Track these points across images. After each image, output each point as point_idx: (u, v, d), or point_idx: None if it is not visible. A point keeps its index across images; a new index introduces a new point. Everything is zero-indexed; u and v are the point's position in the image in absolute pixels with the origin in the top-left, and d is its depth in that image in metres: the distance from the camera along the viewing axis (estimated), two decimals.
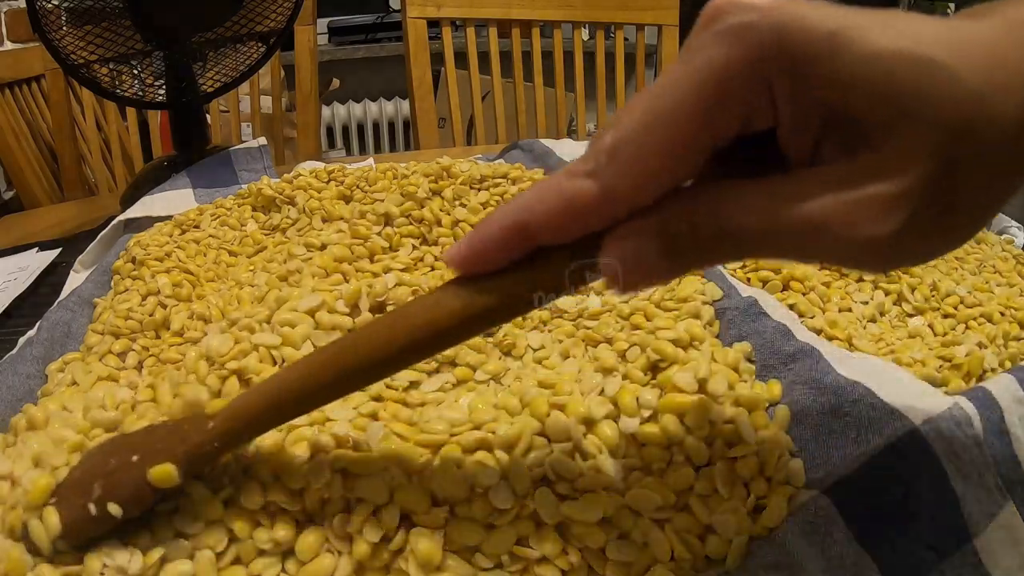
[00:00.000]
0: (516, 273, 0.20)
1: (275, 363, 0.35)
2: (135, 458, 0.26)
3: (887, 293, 0.46)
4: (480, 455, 0.28)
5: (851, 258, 0.18)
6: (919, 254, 0.19)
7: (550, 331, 0.40)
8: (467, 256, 0.20)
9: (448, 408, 0.32)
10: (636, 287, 0.19)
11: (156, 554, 0.25)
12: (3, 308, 0.55)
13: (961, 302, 0.46)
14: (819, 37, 0.16)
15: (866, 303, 0.45)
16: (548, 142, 0.71)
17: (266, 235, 0.54)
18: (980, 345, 0.41)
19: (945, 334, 0.43)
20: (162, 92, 0.71)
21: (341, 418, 0.30)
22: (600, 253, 0.19)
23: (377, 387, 0.32)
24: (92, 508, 0.25)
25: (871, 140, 0.17)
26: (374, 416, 0.31)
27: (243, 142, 0.76)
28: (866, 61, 0.16)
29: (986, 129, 0.16)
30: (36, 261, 0.64)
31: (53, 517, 0.25)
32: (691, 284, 0.41)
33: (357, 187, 0.57)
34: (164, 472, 0.25)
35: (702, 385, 0.31)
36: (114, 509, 0.25)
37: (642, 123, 0.17)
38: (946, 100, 0.16)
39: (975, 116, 0.16)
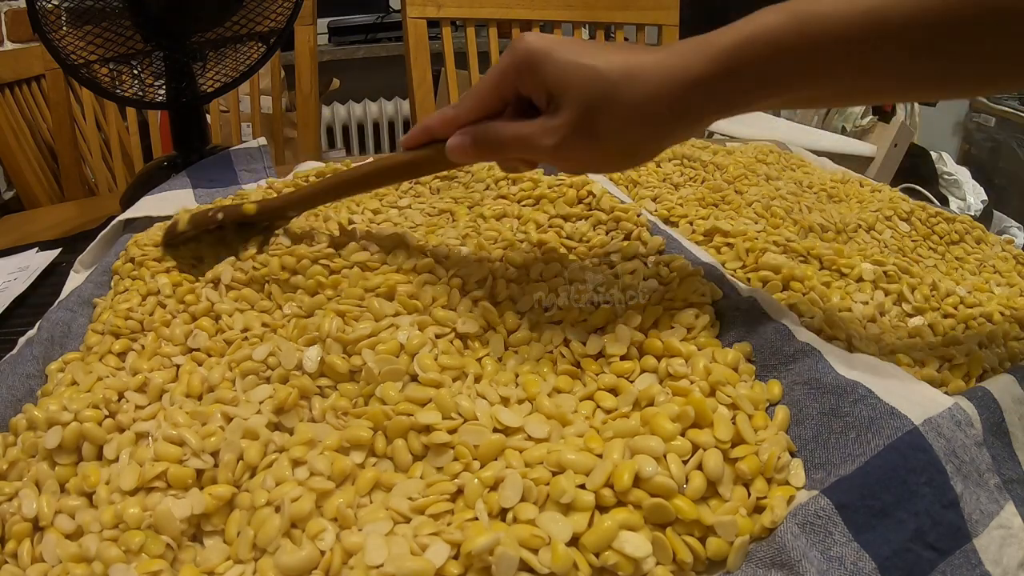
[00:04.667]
0: (424, 147, 0.41)
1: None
2: (237, 203, 0.50)
3: (887, 293, 0.46)
4: None
5: (543, 156, 0.37)
6: (584, 161, 0.38)
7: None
8: (407, 141, 0.41)
9: None
10: (460, 160, 0.39)
11: None
12: (3, 308, 0.55)
13: (961, 302, 0.46)
14: (541, 53, 0.35)
15: (866, 303, 0.45)
16: None
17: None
18: (980, 345, 0.41)
19: (945, 334, 0.43)
20: (162, 92, 0.71)
21: None
22: (449, 140, 0.39)
23: None
24: (214, 216, 0.48)
25: (559, 103, 0.35)
26: None
27: (243, 142, 0.76)
28: (560, 65, 0.34)
29: (614, 98, 0.33)
30: (36, 261, 0.64)
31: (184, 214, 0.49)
32: (691, 284, 0.41)
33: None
34: (248, 207, 0.48)
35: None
36: (222, 217, 0.48)
37: (473, 90, 0.38)
38: (589, 83, 0.34)
39: (606, 92, 0.33)
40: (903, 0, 0.29)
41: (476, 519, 0.28)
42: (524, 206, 0.54)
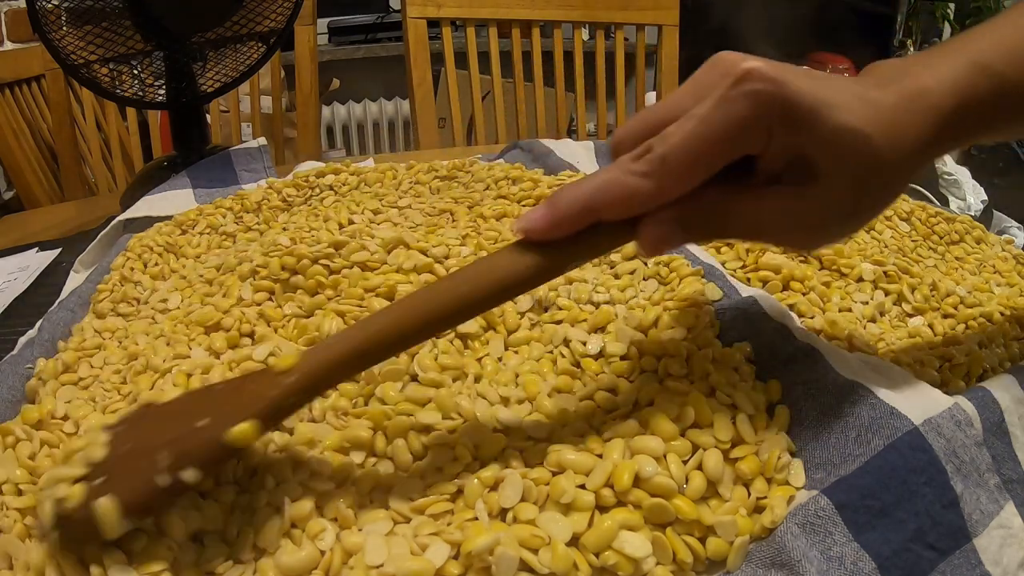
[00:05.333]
0: (578, 239, 0.27)
1: None
2: (203, 422, 0.26)
3: (887, 293, 0.46)
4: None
5: (787, 245, 0.34)
6: (834, 241, 0.32)
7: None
8: (545, 226, 0.26)
9: None
10: (659, 253, 0.30)
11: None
12: (3, 308, 0.55)
13: (961, 302, 0.45)
14: (806, 111, 0.25)
15: (866, 303, 0.45)
16: (548, 142, 0.71)
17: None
18: (980, 345, 0.41)
19: (945, 334, 0.43)
20: (162, 92, 0.71)
21: None
22: (639, 229, 0.27)
23: None
24: (161, 479, 0.25)
25: (818, 176, 0.27)
26: None
27: (243, 142, 0.76)
28: (831, 130, 0.26)
29: (880, 171, 0.27)
30: (36, 261, 0.64)
31: (108, 501, 0.24)
32: (691, 284, 0.41)
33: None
34: (245, 431, 0.25)
35: None
36: (191, 475, 0.25)
37: (685, 145, 0.25)
38: (865, 157, 0.26)
39: (877, 164, 0.26)
40: None
41: (476, 519, 0.28)
42: (524, 206, 0.54)
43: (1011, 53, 0.28)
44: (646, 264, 0.45)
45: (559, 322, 0.40)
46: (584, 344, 0.38)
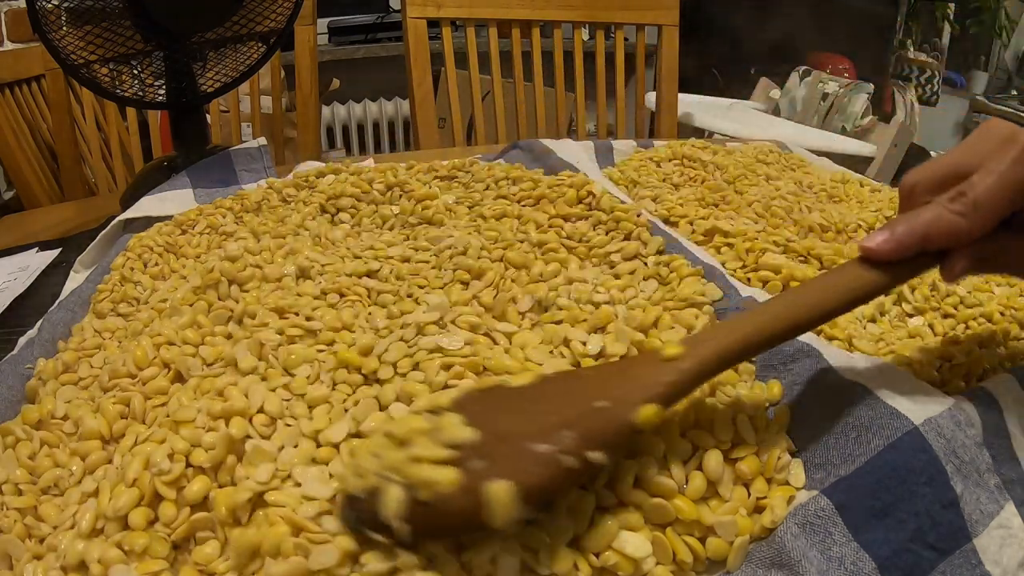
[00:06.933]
0: (908, 262, 0.31)
1: None
2: (601, 403, 0.26)
3: (887, 293, 0.46)
4: None
5: None
6: None
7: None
8: (890, 248, 0.31)
9: None
10: (956, 281, 0.38)
11: None
12: (3, 308, 0.55)
13: (961, 302, 0.46)
14: None
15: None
16: (548, 142, 0.71)
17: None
18: (980, 345, 0.41)
19: (945, 334, 0.43)
20: (162, 92, 0.71)
21: None
22: (950, 259, 0.31)
23: None
24: (568, 460, 0.24)
25: None
26: None
27: (243, 142, 0.76)
28: None
29: None
30: (36, 261, 0.64)
31: (503, 486, 0.23)
32: (691, 285, 0.41)
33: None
34: (653, 412, 0.26)
35: None
36: (599, 456, 0.25)
37: (991, 193, 0.30)
38: None
39: None
40: None
41: None
42: (524, 206, 0.54)
43: None
44: (646, 264, 0.45)
45: (559, 322, 0.40)
46: (584, 344, 0.38)
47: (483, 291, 0.42)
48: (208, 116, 1.10)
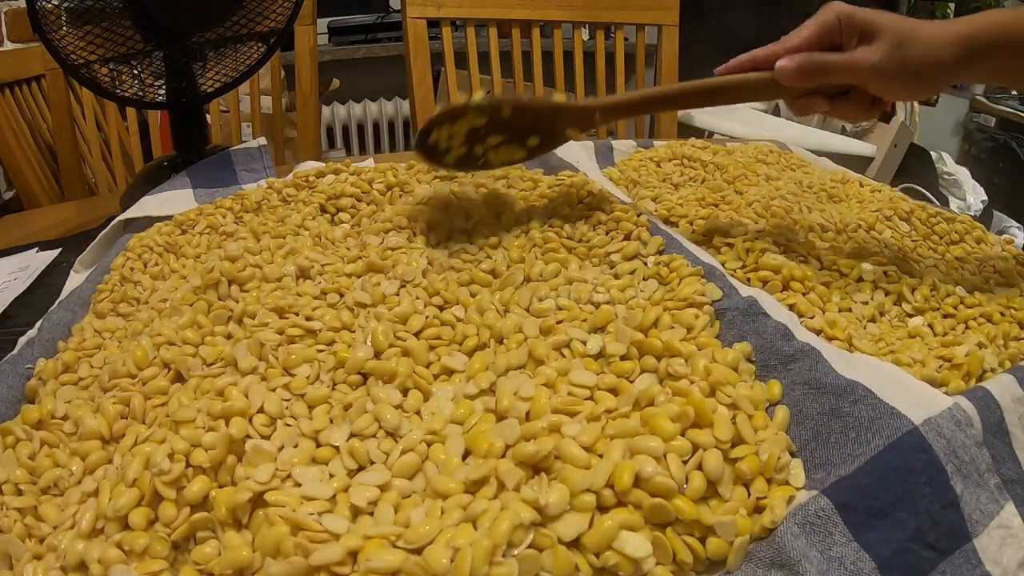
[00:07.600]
0: (748, 74, 0.47)
1: None
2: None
3: (887, 293, 0.46)
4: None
5: (864, 76, 0.45)
6: (894, 82, 0.45)
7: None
8: (728, 67, 0.48)
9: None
10: (787, 80, 0.46)
11: None
12: (3, 308, 0.55)
13: (961, 302, 0.46)
14: (848, 9, 0.45)
15: (866, 303, 0.45)
16: None
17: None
18: (980, 345, 0.41)
19: (945, 334, 0.43)
20: (162, 92, 0.71)
21: None
22: (780, 62, 0.46)
23: None
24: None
25: (872, 38, 0.45)
26: None
27: (243, 142, 0.76)
28: (867, 14, 0.45)
29: (916, 35, 0.44)
30: (36, 261, 0.64)
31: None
32: (691, 284, 0.41)
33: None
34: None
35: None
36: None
37: (795, 35, 0.46)
38: (897, 22, 0.45)
39: (911, 29, 0.44)
40: None
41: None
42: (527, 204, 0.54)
43: (1001, 19, 0.44)
44: (646, 264, 0.45)
45: (559, 322, 0.40)
46: (584, 344, 0.38)
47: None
48: (208, 116, 1.10)
